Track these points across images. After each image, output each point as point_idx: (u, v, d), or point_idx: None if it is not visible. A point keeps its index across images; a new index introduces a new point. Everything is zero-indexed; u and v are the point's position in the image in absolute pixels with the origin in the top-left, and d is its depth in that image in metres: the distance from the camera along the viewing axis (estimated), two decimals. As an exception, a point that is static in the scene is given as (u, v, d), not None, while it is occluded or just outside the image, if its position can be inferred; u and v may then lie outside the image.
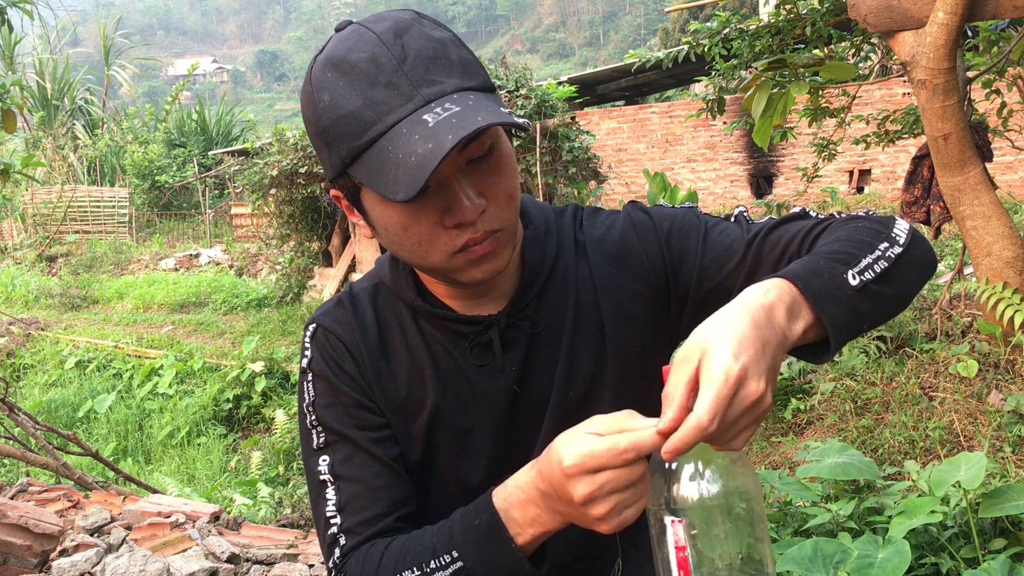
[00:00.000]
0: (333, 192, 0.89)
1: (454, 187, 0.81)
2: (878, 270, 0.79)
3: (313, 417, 0.94)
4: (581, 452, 0.70)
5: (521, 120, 0.77)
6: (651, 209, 1.01)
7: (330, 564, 0.90)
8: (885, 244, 0.83)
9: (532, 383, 0.96)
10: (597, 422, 0.73)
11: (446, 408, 0.95)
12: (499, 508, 0.79)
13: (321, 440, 0.94)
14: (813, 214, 0.95)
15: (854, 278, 0.77)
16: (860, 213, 0.91)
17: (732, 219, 0.99)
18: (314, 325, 0.98)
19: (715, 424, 0.65)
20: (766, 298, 0.73)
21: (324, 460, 0.93)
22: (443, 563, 0.81)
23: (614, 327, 0.97)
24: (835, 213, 0.94)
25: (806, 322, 0.74)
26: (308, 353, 0.97)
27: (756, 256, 0.93)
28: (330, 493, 0.91)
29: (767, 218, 0.97)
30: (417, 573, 0.82)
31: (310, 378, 0.96)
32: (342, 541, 0.89)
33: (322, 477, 0.92)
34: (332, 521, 0.90)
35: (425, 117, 0.75)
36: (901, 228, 0.86)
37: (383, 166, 0.76)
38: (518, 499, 0.78)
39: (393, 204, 0.81)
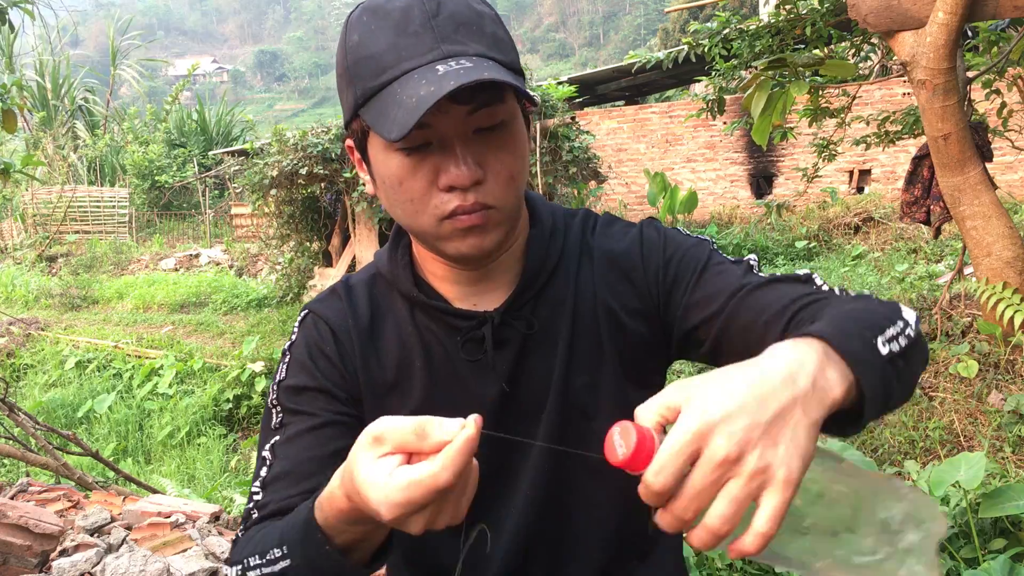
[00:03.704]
0: (347, 143, 0.91)
1: (455, 149, 0.81)
2: (902, 344, 0.70)
3: (275, 396, 0.93)
4: (400, 501, 0.61)
5: (532, 93, 0.77)
6: (666, 230, 0.99)
7: (235, 536, 0.88)
8: (902, 322, 0.74)
9: (524, 384, 0.94)
10: (389, 438, 0.62)
11: (434, 400, 0.94)
12: (317, 518, 0.73)
13: (277, 420, 0.92)
14: (819, 281, 0.86)
15: (884, 346, 0.68)
16: (866, 293, 0.83)
17: (739, 264, 0.92)
18: (306, 312, 0.99)
19: (659, 485, 0.54)
20: (793, 352, 0.61)
21: (274, 439, 0.91)
22: (275, 557, 0.77)
23: (611, 339, 0.95)
24: (836, 289, 0.85)
25: (847, 383, 0.62)
26: (293, 337, 0.97)
27: (735, 309, 0.86)
28: (264, 471, 0.89)
29: (771, 274, 0.90)
30: (259, 560, 0.78)
31: (287, 360, 0.96)
32: (254, 515, 0.87)
33: (264, 454, 0.91)
34: (254, 496, 0.88)
35: (438, 67, 0.77)
36: (910, 314, 0.78)
37: (388, 108, 0.78)
38: (331, 522, 0.72)
39: (393, 153, 0.82)
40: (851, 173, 11.58)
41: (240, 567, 0.79)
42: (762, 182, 12.27)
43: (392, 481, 0.61)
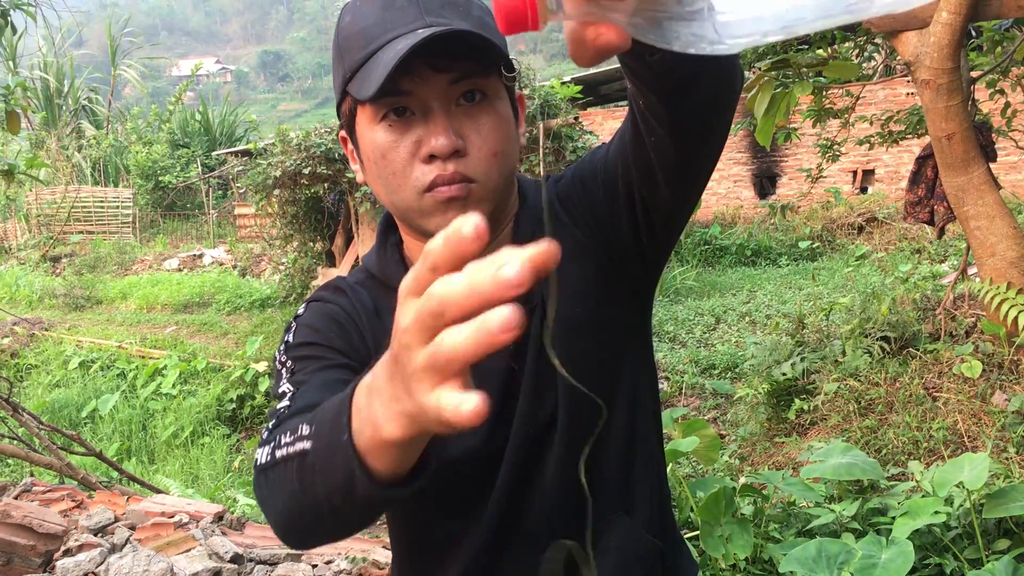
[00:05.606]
0: (341, 133, 0.93)
1: (436, 118, 0.82)
2: None
3: (282, 356, 0.91)
4: (414, 274, 0.48)
5: (512, 58, 0.80)
6: (571, 169, 1.00)
7: (263, 434, 0.78)
8: None
9: (530, 357, 0.92)
10: None
11: None
12: (354, 395, 0.59)
13: (288, 372, 0.88)
14: None
15: None
16: None
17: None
18: (315, 299, 0.99)
19: None
20: None
21: (292, 378, 0.86)
22: (301, 434, 0.65)
23: (554, 294, 0.93)
24: None
25: None
26: (300, 312, 0.97)
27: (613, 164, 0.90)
28: (287, 396, 0.82)
29: None
30: (288, 439, 0.67)
31: (293, 327, 0.94)
32: (284, 413, 0.79)
33: (282, 389, 0.84)
34: (281, 407, 0.81)
35: (420, 31, 0.79)
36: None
37: (370, 72, 0.80)
38: (365, 383, 0.57)
39: (377, 125, 0.84)
40: (855, 173, 11.56)
41: (271, 444, 0.70)
42: (766, 182, 12.26)
43: None
